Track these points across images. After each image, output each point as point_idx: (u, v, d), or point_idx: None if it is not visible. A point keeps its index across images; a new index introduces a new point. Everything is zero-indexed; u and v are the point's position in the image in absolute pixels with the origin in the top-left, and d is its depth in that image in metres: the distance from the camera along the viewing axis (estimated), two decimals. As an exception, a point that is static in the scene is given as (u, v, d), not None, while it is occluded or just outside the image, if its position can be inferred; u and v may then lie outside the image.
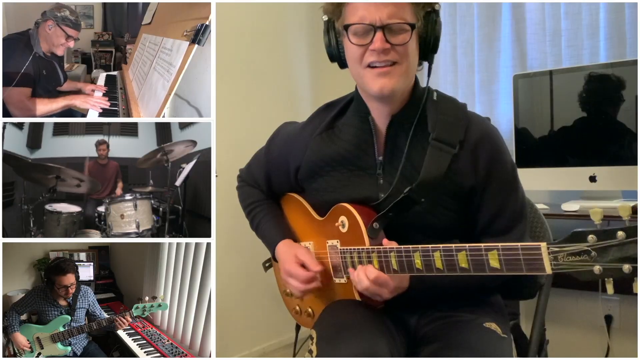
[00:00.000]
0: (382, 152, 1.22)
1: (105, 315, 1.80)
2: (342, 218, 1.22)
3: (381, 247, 1.12)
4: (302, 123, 1.35)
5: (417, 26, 1.13)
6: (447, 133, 1.16)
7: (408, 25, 1.11)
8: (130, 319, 1.69)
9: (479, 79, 2.49)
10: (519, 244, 0.93)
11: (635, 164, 1.82)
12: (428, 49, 1.17)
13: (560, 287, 2.11)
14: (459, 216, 1.19)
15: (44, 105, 1.87)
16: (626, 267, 0.83)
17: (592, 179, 1.94)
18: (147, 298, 1.73)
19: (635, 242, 0.82)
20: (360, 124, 1.24)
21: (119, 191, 2.55)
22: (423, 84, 1.25)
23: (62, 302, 1.75)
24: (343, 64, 1.22)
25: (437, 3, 1.17)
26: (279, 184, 1.41)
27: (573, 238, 0.87)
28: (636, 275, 0.83)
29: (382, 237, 1.17)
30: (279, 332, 2.64)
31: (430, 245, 1.04)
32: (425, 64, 1.22)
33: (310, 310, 1.38)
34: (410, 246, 1.07)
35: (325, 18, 1.20)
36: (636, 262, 0.82)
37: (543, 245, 0.90)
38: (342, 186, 1.24)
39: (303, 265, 1.27)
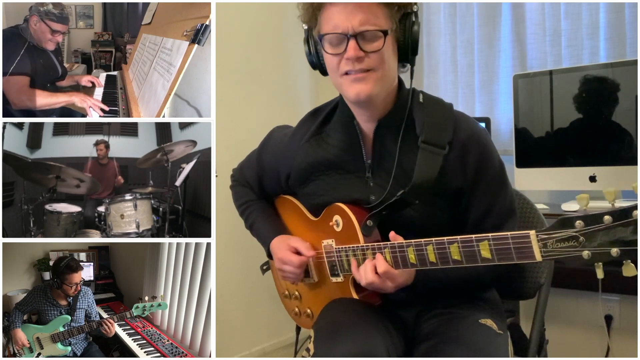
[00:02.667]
0: (370, 155, 1.23)
1: (98, 318, 1.81)
2: (336, 217, 1.23)
3: (375, 244, 1.13)
4: (291, 131, 1.37)
5: (392, 30, 1.12)
6: (435, 135, 1.16)
7: (381, 32, 1.10)
8: (115, 325, 1.71)
9: (479, 79, 2.49)
10: (508, 233, 0.94)
11: (635, 164, 1.82)
12: (407, 51, 1.16)
13: (560, 287, 2.11)
14: (449, 215, 1.20)
15: (44, 98, 1.87)
16: (614, 251, 0.84)
17: (592, 179, 1.94)
18: (147, 298, 1.74)
19: (622, 225, 0.83)
20: (346, 128, 1.25)
21: (119, 182, 2.55)
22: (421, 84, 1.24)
23: (63, 302, 1.75)
24: (324, 72, 1.22)
25: (414, 4, 1.15)
26: (271, 187, 1.44)
27: (561, 224, 0.88)
28: (625, 259, 0.84)
29: (377, 234, 1.18)
30: (279, 332, 2.64)
31: (423, 240, 1.05)
32: (409, 66, 1.21)
33: (309, 311, 1.38)
34: (404, 241, 1.08)
35: (305, 27, 1.21)
36: (624, 245, 0.83)
37: (532, 232, 0.91)
38: (332, 189, 1.26)
39: (297, 253, 1.29)
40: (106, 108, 2.05)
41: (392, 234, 1.12)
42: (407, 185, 1.14)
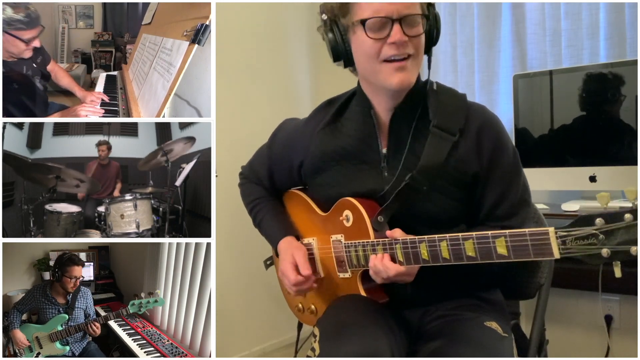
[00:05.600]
0: (385, 145, 1.23)
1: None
2: (347, 212, 1.23)
3: (386, 239, 1.13)
4: (305, 119, 1.36)
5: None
6: (447, 120, 1.17)
7: (422, 17, 1.12)
8: (99, 326, 1.71)
9: (479, 79, 2.49)
10: (526, 229, 0.94)
11: (635, 164, 1.82)
12: (432, 42, 1.18)
13: (560, 287, 2.11)
14: (463, 205, 1.20)
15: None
16: (634, 249, 0.83)
17: (592, 179, 1.94)
18: (143, 294, 1.73)
19: None
20: (363, 118, 1.25)
21: (116, 192, 2.55)
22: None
23: (61, 300, 1.75)
24: (349, 62, 1.20)
25: None
26: (282, 180, 1.42)
27: (581, 222, 0.87)
28: None
29: (387, 230, 1.17)
30: (279, 332, 2.64)
31: (436, 236, 1.04)
32: (425, 57, 1.22)
33: (313, 307, 1.38)
34: (417, 237, 1.08)
35: (324, 17, 1.18)
36: None
37: (551, 229, 0.90)
38: (346, 180, 1.25)
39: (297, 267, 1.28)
40: (106, 99, 2.00)
41: (388, 232, 1.12)
42: (415, 170, 1.14)
